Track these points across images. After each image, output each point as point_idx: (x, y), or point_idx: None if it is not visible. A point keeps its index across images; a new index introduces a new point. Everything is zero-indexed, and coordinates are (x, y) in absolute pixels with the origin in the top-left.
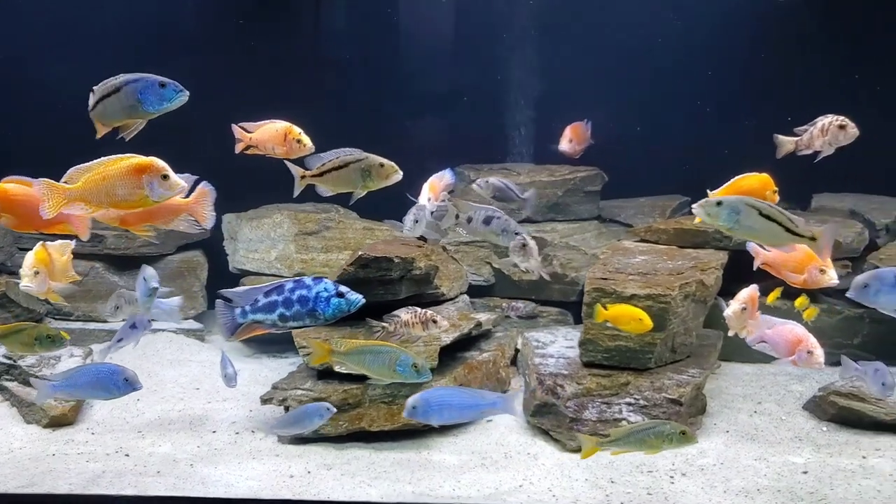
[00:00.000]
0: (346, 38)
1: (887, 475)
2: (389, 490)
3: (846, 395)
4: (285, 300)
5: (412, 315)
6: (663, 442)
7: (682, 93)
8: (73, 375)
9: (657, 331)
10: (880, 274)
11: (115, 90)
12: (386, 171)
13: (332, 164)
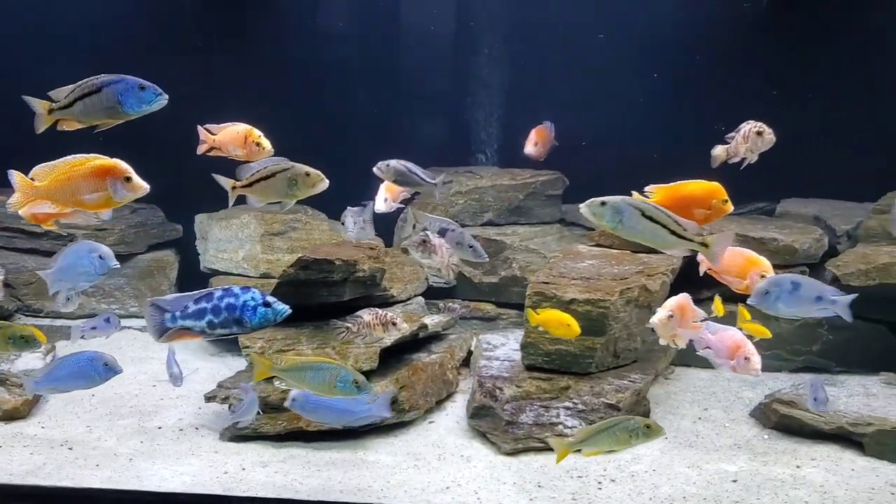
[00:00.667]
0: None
1: (817, 486)
2: (318, 489)
3: (788, 403)
4: (214, 308)
5: (373, 316)
6: (630, 437)
7: (650, 96)
8: (53, 370)
9: (597, 336)
10: (779, 280)
11: (96, 90)
12: (312, 179)
13: (261, 175)
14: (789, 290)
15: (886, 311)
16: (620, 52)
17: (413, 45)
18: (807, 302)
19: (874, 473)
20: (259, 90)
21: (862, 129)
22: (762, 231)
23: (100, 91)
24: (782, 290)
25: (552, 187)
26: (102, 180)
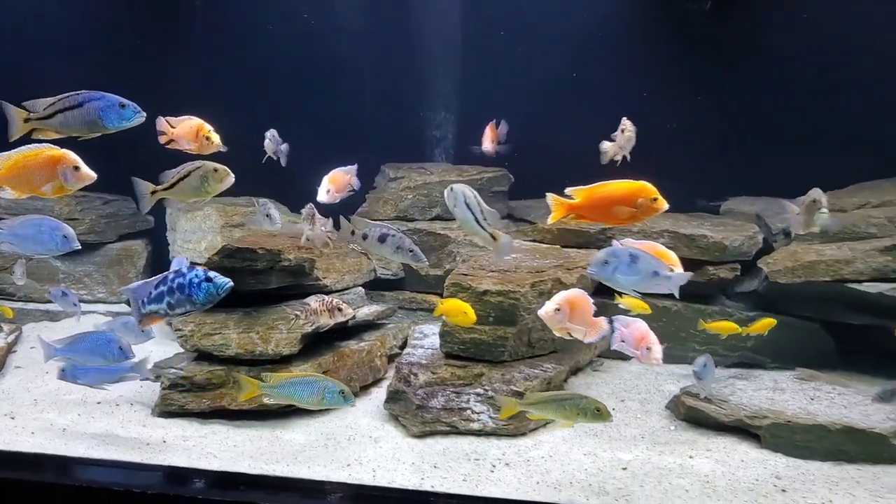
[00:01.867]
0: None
1: (702, 476)
2: (228, 461)
3: (695, 396)
4: (169, 289)
5: (319, 303)
6: (578, 414)
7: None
8: (75, 341)
9: (509, 325)
10: (617, 252)
11: (77, 105)
12: (220, 175)
13: (178, 176)
14: (627, 262)
15: (817, 308)
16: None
17: (370, 46)
18: (644, 275)
19: (763, 465)
20: (221, 88)
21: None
22: (694, 228)
23: (81, 106)
24: (620, 261)
25: (498, 183)
26: (54, 169)
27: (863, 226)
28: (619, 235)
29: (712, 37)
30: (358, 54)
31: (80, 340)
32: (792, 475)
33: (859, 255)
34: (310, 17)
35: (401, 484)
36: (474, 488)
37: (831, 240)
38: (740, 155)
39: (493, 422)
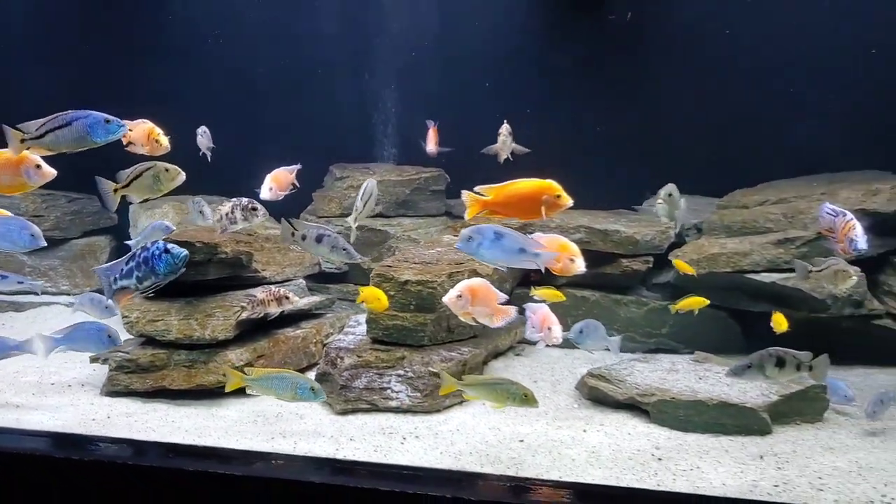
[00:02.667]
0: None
1: (590, 447)
2: (165, 433)
3: (596, 377)
4: (137, 264)
5: (266, 293)
6: (507, 398)
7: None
8: (71, 332)
9: (428, 312)
10: (482, 229)
11: (67, 124)
12: (171, 174)
13: (134, 174)
14: (492, 238)
15: (723, 297)
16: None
17: (317, 52)
18: (510, 251)
19: (647, 437)
20: (179, 91)
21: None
22: (609, 224)
23: (70, 125)
24: (485, 238)
25: (435, 183)
26: (18, 168)
27: (761, 221)
28: (539, 230)
29: (635, 46)
30: (310, 62)
31: (76, 331)
32: (670, 446)
33: (756, 248)
34: (264, 23)
35: (316, 453)
36: (382, 457)
37: (735, 234)
38: (665, 156)
39: (411, 400)
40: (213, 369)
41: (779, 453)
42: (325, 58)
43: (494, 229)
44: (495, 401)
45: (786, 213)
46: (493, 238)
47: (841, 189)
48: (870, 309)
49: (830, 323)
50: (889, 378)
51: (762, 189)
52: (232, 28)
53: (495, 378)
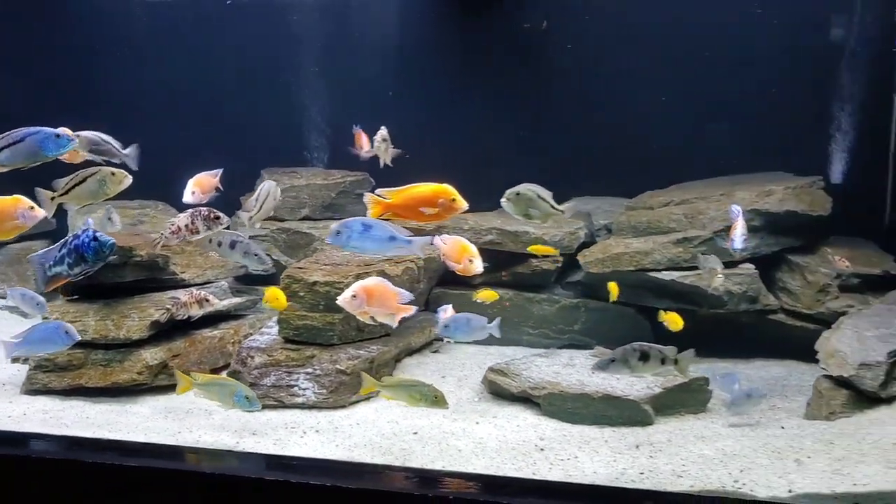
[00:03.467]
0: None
1: (478, 438)
2: (79, 430)
3: (496, 371)
4: (68, 251)
5: (188, 296)
6: (420, 399)
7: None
8: (28, 335)
9: (336, 312)
10: (349, 223)
11: (20, 140)
12: (118, 178)
13: (74, 181)
14: (360, 230)
15: (631, 295)
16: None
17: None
18: (380, 241)
19: (535, 429)
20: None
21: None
22: (519, 225)
23: (23, 141)
24: (353, 231)
25: (360, 186)
26: (14, 212)
27: (665, 221)
28: (454, 232)
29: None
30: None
31: (33, 332)
32: (555, 437)
33: (657, 247)
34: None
35: (217, 446)
36: (279, 450)
37: (641, 234)
38: (583, 160)
39: (317, 396)
40: (128, 368)
41: (654, 443)
42: (258, 68)
43: (362, 221)
44: (409, 402)
45: (687, 213)
46: (361, 230)
47: (738, 190)
48: (764, 305)
49: (731, 318)
50: (784, 370)
51: (671, 191)
52: (170, 38)
53: (411, 380)
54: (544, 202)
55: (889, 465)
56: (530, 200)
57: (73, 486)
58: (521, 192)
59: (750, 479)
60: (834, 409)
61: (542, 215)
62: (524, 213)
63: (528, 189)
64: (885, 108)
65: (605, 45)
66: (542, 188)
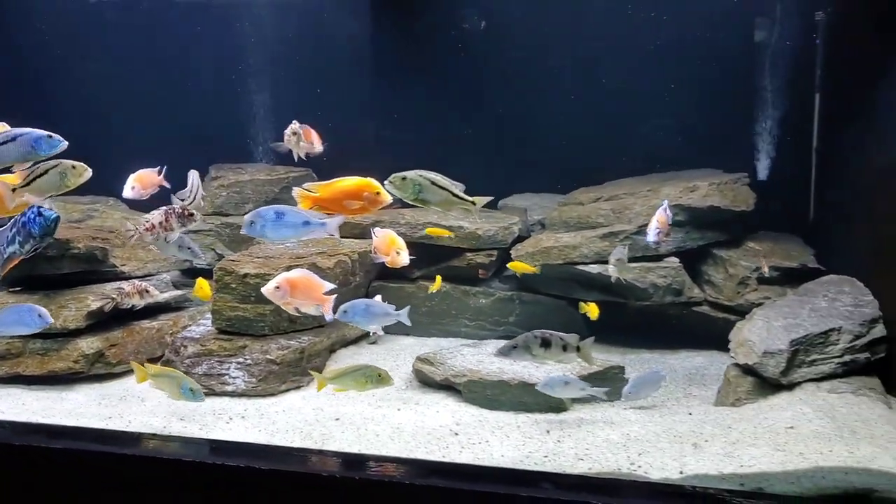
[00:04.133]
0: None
1: (395, 423)
2: (13, 416)
3: (423, 361)
4: (18, 230)
5: (132, 287)
6: (366, 381)
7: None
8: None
9: (267, 304)
10: (261, 212)
11: (11, 139)
12: (78, 171)
13: (36, 173)
14: (273, 219)
15: (563, 288)
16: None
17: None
18: (295, 226)
19: (452, 415)
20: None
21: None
22: (454, 220)
23: (14, 140)
24: (266, 220)
25: (303, 182)
26: None
27: (594, 217)
28: (390, 226)
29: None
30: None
31: (5, 313)
32: (471, 422)
33: (585, 242)
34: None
35: (146, 429)
36: (204, 434)
37: (572, 229)
38: (524, 157)
39: (246, 385)
40: (64, 356)
41: (565, 428)
42: (206, 67)
43: (275, 209)
44: (357, 386)
45: (614, 208)
46: (274, 218)
47: (666, 186)
48: (689, 297)
49: (659, 310)
50: (706, 359)
51: (603, 187)
52: (118, 37)
53: (353, 366)
54: (442, 190)
55: (777, 447)
56: (421, 187)
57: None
58: (408, 178)
59: (646, 462)
60: (740, 395)
61: (443, 203)
62: (418, 200)
63: (418, 175)
64: (808, 106)
65: (544, 48)
66: (440, 176)
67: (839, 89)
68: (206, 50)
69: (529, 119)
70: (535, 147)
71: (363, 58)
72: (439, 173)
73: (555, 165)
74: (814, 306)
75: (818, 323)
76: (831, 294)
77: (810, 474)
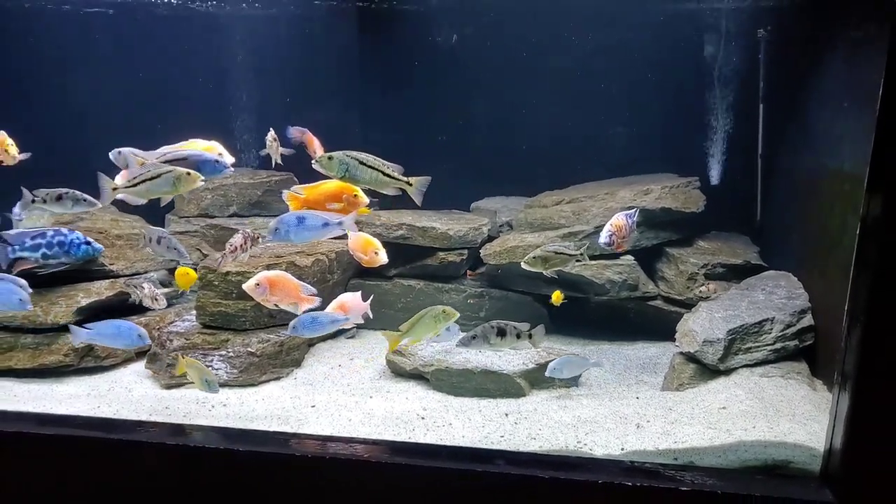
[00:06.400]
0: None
1: (367, 409)
2: (7, 406)
3: (395, 352)
4: (48, 244)
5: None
6: (435, 322)
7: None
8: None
9: (248, 300)
10: (284, 218)
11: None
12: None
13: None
14: (295, 223)
15: (527, 284)
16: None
17: (181, 69)
18: (316, 228)
19: (420, 401)
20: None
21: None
22: (427, 222)
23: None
24: (289, 225)
25: (285, 185)
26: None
27: (556, 218)
28: (364, 227)
29: (462, 68)
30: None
31: (105, 326)
32: (437, 407)
33: (547, 241)
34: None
35: (123, 415)
36: (188, 421)
37: (536, 230)
38: (494, 163)
39: (228, 375)
40: (55, 350)
41: (522, 412)
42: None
43: (296, 215)
44: (429, 330)
45: (574, 210)
46: (296, 222)
47: (622, 189)
48: (644, 292)
49: (618, 305)
50: (659, 350)
51: (566, 191)
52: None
53: (419, 314)
54: (370, 169)
55: (709, 426)
56: (347, 166)
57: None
58: (335, 157)
59: (591, 441)
60: (683, 381)
61: (374, 182)
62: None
63: (345, 154)
64: (753, 116)
65: (512, 63)
66: (370, 156)
67: (779, 100)
68: (194, 60)
69: (499, 127)
70: (504, 153)
71: (343, 69)
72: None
73: (523, 171)
74: (752, 299)
75: (754, 314)
76: (769, 288)
77: (734, 448)
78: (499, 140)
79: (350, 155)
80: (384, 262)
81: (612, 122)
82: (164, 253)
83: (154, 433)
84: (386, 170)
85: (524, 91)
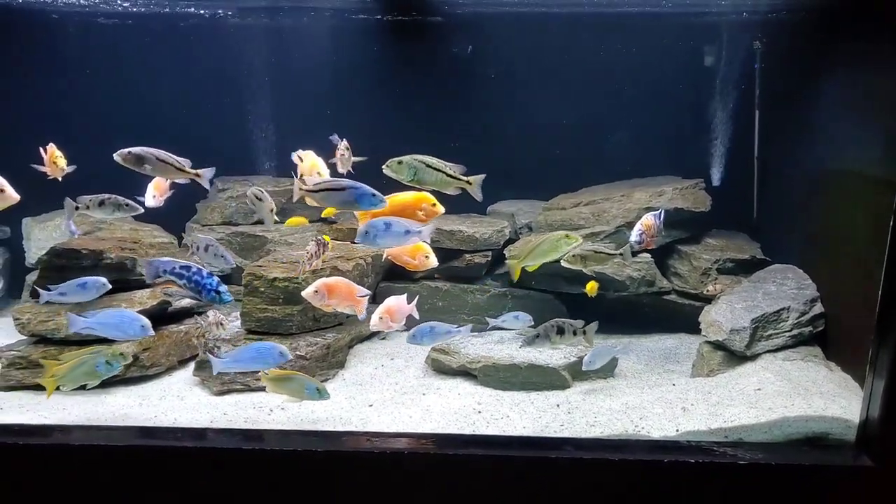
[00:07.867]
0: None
1: (425, 406)
2: (57, 420)
3: (438, 350)
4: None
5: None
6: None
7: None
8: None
9: (295, 305)
10: (373, 223)
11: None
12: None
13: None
14: (383, 228)
15: (550, 283)
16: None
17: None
18: (398, 235)
19: (472, 396)
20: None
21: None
22: (454, 225)
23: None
24: (378, 229)
25: None
26: None
27: (576, 219)
28: None
29: (478, 77)
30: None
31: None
32: (490, 401)
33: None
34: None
35: (187, 424)
36: (251, 426)
37: (556, 230)
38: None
39: None
40: None
41: (572, 402)
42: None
43: (383, 221)
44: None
45: (594, 212)
46: (383, 228)
47: (637, 192)
48: (659, 287)
49: (636, 300)
50: (676, 341)
51: (580, 193)
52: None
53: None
54: (435, 171)
55: (750, 405)
56: (416, 169)
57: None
58: (404, 161)
59: (647, 425)
60: (713, 367)
61: (438, 183)
62: (415, 181)
63: (413, 158)
64: (749, 122)
65: (526, 73)
66: (434, 158)
67: (774, 107)
68: (215, 70)
69: (513, 133)
70: (518, 158)
71: (363, 79)
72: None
73: (535, 175)
74: (766, 291)
75: (772, 304)
76: (779, 280)
77: (779, 424)
78: (513, 145)
79: (417, 158)
80: (434, 266)
81: (618, 128)
82: (212, 261)
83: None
84: (448, 171)
85: (536, 100)
